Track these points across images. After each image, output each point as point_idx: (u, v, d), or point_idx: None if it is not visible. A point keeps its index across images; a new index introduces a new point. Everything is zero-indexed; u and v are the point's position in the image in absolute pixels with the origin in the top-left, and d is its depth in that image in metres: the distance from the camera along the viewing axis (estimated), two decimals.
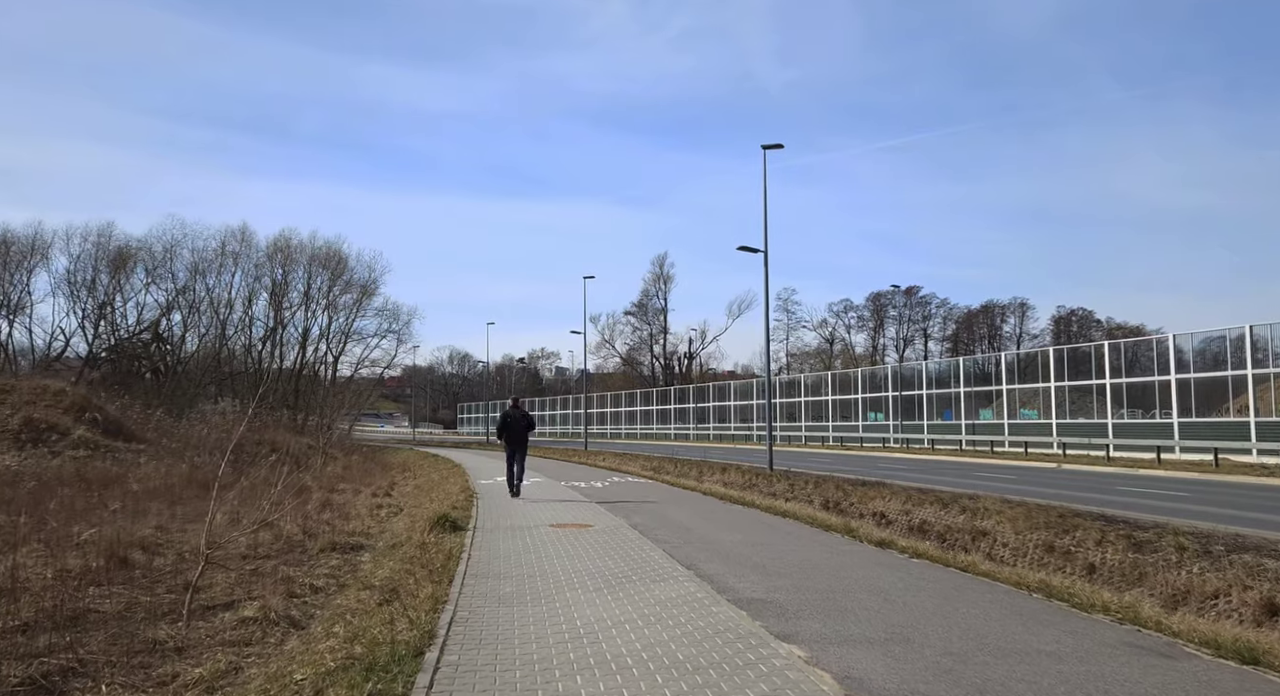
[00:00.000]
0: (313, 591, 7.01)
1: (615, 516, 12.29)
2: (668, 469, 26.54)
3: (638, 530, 10.86)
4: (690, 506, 14.36)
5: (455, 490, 15.36)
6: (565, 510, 13.19)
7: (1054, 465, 28.93)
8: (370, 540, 10.44)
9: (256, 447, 23.03)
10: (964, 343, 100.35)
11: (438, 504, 13.34)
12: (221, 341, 57.10)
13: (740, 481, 22.18)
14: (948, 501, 13.61)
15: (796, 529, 11.65)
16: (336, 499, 16.11)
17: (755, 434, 60.19)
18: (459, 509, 12.32)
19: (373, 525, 12.10)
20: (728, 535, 10.65)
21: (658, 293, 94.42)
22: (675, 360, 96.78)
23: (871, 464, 28.75)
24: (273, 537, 10.07)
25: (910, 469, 25.38)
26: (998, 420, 42.07)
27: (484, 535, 10.20)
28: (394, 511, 13.96)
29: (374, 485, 19.26)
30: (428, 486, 18.54)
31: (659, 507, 13.88)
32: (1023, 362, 43.83)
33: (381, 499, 16.19)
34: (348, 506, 14.88)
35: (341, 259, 58.92)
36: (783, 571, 7.96)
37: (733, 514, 13.38)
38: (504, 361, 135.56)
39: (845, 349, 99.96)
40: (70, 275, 50.11)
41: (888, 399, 50.20)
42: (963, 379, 45.48)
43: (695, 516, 12.67)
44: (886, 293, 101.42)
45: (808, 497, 18.14)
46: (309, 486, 18.80)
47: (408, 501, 15.90)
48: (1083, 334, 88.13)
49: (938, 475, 22.17)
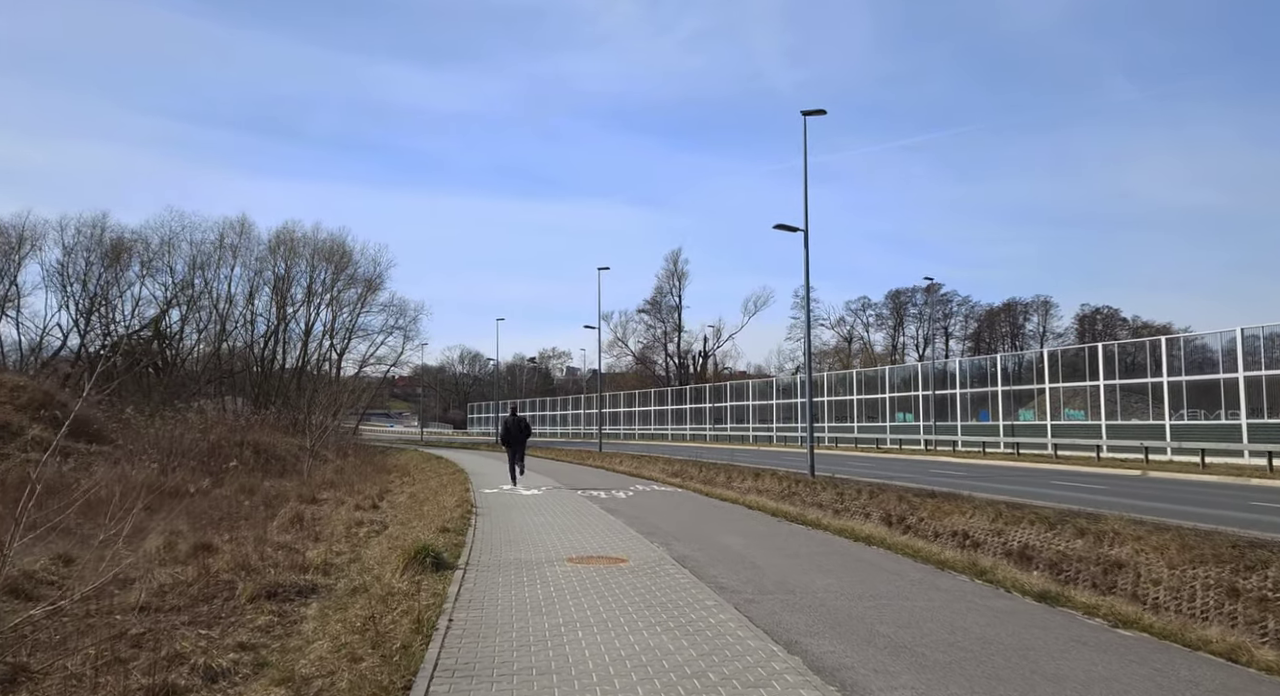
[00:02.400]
0: (206, 680, 4.54)
1: (651, 543, 9.83)
2: (691, 473, 24.05)
3: (688, 568, 8.30)
4: (738, 525, 11.88)
5: (452, 503, 12.90)
6: (586, 532, 10.81)
7: (1138, 472, 25.71)
8: (332, 577, 7.96)
9: (238, 450, 20.68)
10: (985, 341, 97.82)
11: (428, 522, 10.96)
12: (222, 337, 55.00)
13: (777, 489, 19.69)
14: (1054, 520, 11.05)
15: (894, 563, 9.07)
16: (314, 511, 13.73)
17: (776, 435, 57.66)
18: (451, 532, 9.93)
19: (345, 550, 9.68)
20: (811, 576, 8.07)
21: (672, 289, 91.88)
22: (690, 358, 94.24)
23: (916, 468, 26.16)
24: (197, 574, 7.62)
25: (965, 474, 22.77)
26: (1039, 421, 39.37)
27: (478, 578, 7.59)
28: (376, 530, 11.55)
29: (363, 493, 16.88)
30: (424, 495, 16.14)
31: (700, 527, 11.45)
32: (1066, 360, 41.07)
33: (366, 512, 13.80)
34: (324, 521, 12.48)
35: (345, 252, 56.78)
36: (949, 661, 5.17)
37: (795, 538, 10.89)
38: (515, 361, 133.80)
39: (865, 347, 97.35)
40: (63, 268, 48.05)
41: (917, 398, 47.56)
42: (999, 377, 42.78)
43: (751, 542, 10.24)
44: (906, 290, 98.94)
45: (862, 510, 15.65)
46: (288, 494, 16.42)
47: (398, 515, 13.51)
48: (1108, 332, 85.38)
49: (1004, 483, 19.52)
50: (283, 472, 21.14)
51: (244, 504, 14.11)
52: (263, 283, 55.41)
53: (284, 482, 18.56)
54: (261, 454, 21.55)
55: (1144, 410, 35.20)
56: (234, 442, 20.94)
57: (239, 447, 20.75)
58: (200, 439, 19.86)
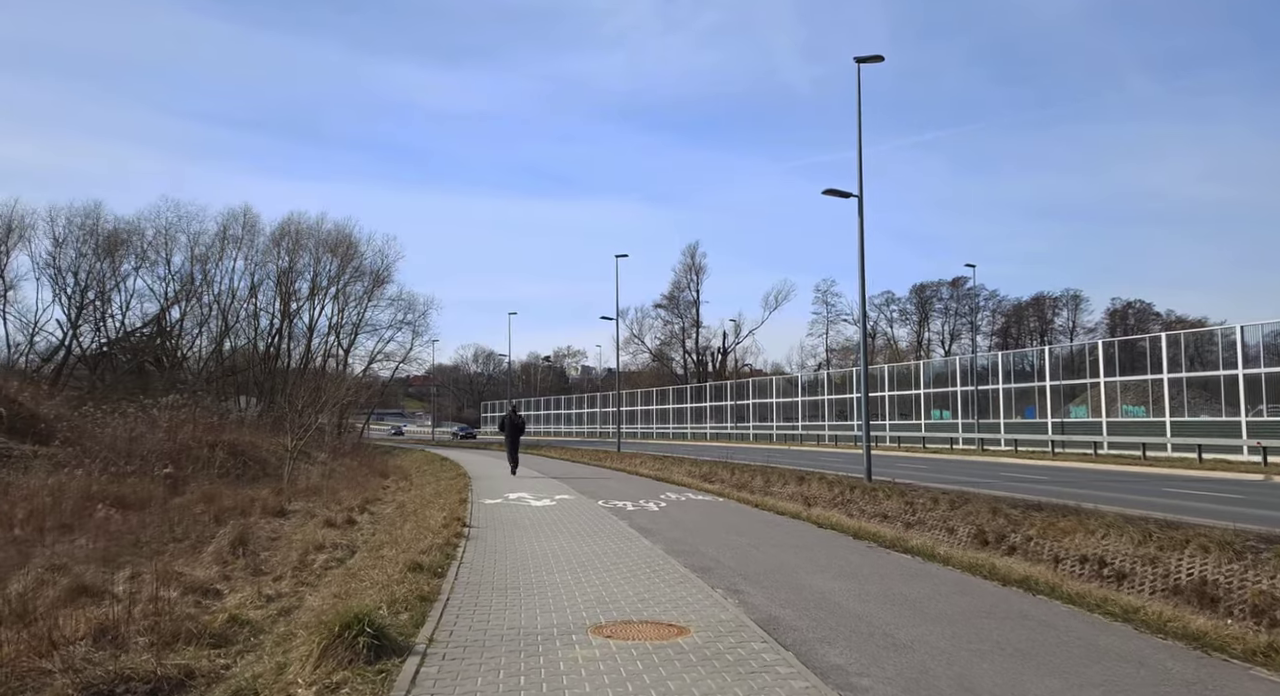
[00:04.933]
0: None
1: (714, 590, 6.81)
2: (723, 476, 21.30)
3: (788, 644, 5.23)
4: (817, 553, 9.04)
5: (437, 524, 9.93)
6: (616, 568, 7.76)
7: (1260, 477, 22.18)
8: (226, 656, 5.18)
9: (209, 452, 18.12)
10: (1013, 336, 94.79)
11: (404, 548, 8.29)
12: (225, 333, 52.75)
13: (828, 496, 16.96)
14: (1238, 546, 8.24)
15: (1088, 630, 5.99)
16: (274, 528, 11.12)
17: (802, 433, 54.81)
18: (424, 572, 6.93)
19: (284, 593, 7.05)
20: (996, 665, 4.87)
21: (689, 284, 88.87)
22: (709, 355, 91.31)
23: (977, 471, 23.27)
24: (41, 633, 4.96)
25: (1046, 479, 19.80)
26: (1093, 418, 36.33)
27: (441, 677, 4.44)
28: (339, 557, 8.92)
29: (344, 504, 14.30)
30: (414, 506, 13.52)
31: (768, 556, 8.68)
32: (1122, 352, 37.95)
33: (337, 530, 11.18)
34: (279, 543, 9.84)
35: (352, 243, 54.31)
36: None
37: (911, 577, 7.63)
38: (530, 360, 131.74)
39: (889, 343, 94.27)
40: (54, 259, 45.82)
41: (955, 394, 44.59)
42: (1047, 371, 39.71)
43: (854, 585, 7.12)
44: (931, 284, 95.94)
45: (942, 523, 12.91)
46: (255, 504, 13.82)
47: (375, 533, 10.89)
48: (1140, 327, 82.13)
49: (1102, 490, 16.44)
50: (262, 477, 18.60)
51: (190, 519, 11.52)
52: (266, 276, 53.14)
53: (258, 489, 15.99)
54: (239, 456, 19.02)
55: (1208, 406, 32.14)
56: (205, 443, 18.44)
57: (210, 449, 18.24)
58: (165, 439, 17.36)
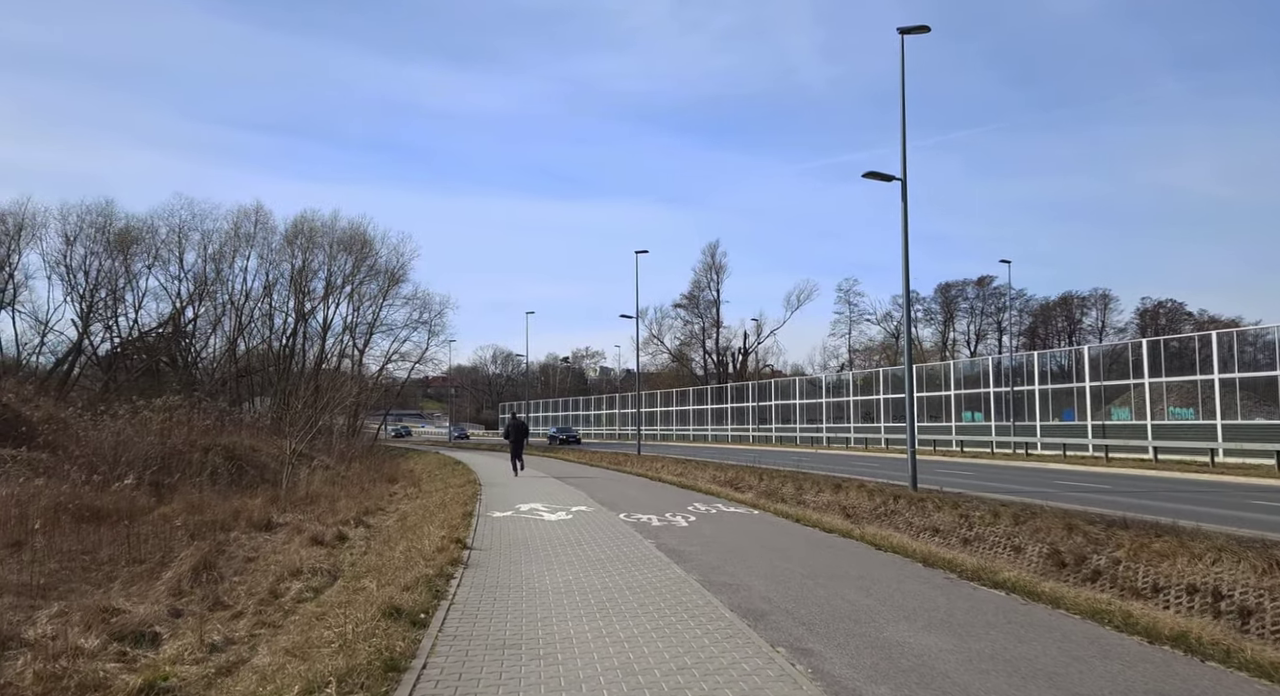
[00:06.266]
0: None
1: (774, 651, 5.19)
2: (750, 482, 19.87)
3: None
4: (892, 590, 7.37)
5: (433, 546, 8.53)
6: (644, 611, 6.21)
7: None
8: None
9: (203, 457, 16.92)
10: (1040, 337, 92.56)
11: (390, 577, 6.96)
12: (238, 333, 51.89)
13: (868, 506, 15.52)
14: None
15: None
16: (254, 545, 9.85)
17: (826, 436, 53.21)
18: (402, 619, 5.48)
19: (236, 637, 5.77)
20: None
21: (709, 283, 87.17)
22: (729, 356, 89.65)
23: (1028, 478, 21.69)
24: None
25: (1109, 488, 18.12)
26: (1138, 420, 34.51)
27: None
28: (317, 586, 7.62)
29: (340, 515, 13.03)
30: (415, 520, 12.20)
31: (835, 594, 7.08)
32: (1169, 351, 36.08)
33: (327, 547, 9.89)
34: (254, 565, 8.56)
35: (366, 241, 53.24)
36: None
37: (1023, 629, 5.93)
38: (548, 361, 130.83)
39: (913, 343, 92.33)
40: (65, 257, 45.06)
41: (987, 396, 42.85)
42: (1086, 372, 37.90)
43: (957, 644, 5.47)
44: (956, 284, 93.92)
45: (1007, 541, 11.47)
46: (241, 516, 12.58)
47: (367, 553, 9.59)
48: (1172, 327, 79.73)
49: (1174, 502, 14.80)
50: (259, 483, 17.40)
51: (166, 533, 10.28)
52: (280, 275, 52.22)
53: (251, 498, 14.78)
54: (236, 460, 17.82)
55: (1260, 408, 30.30)
56: (200, 447, 17.26)
57: (205, 453, 17.05)
58: (157, 442, 16.20)
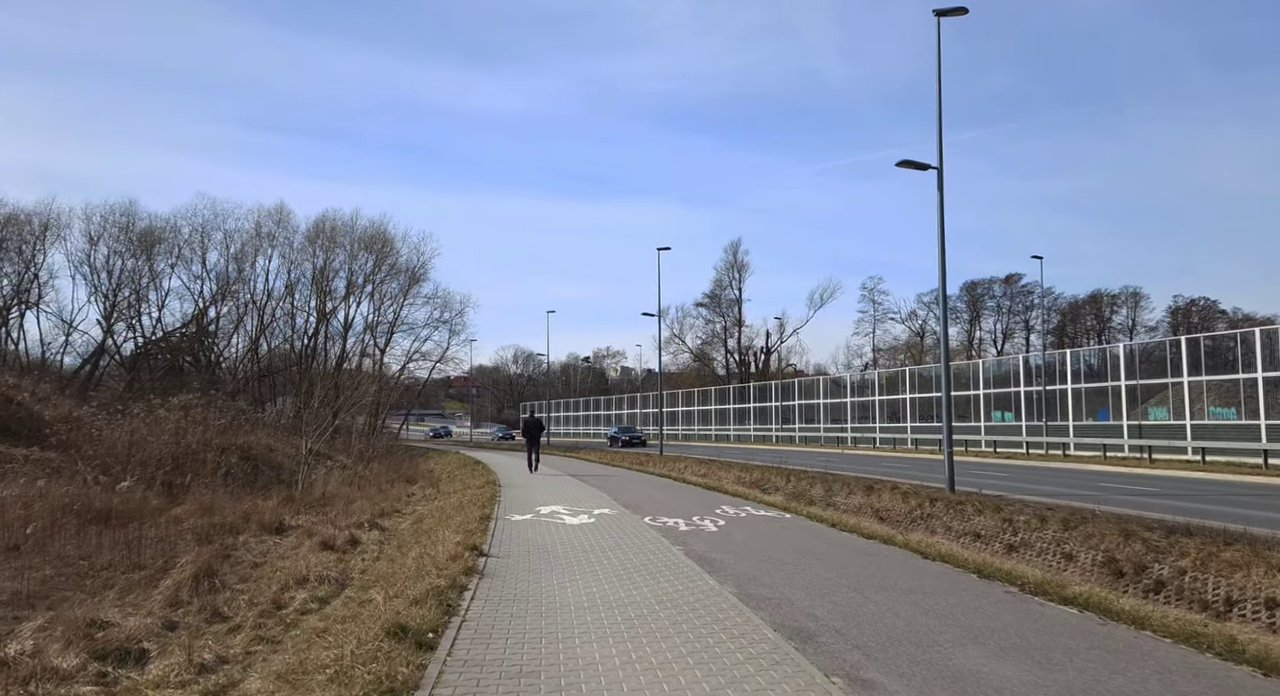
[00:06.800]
0: None
1: (829, 681, 4.57)
2: (777, 483, 19.23)
3: None
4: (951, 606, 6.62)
5: (446, 553, 7.91)
6: (679, 636, 5.49)
7: None
8: None
9: (219, 457, 16.56)
10: (1069, 335, 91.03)
11: (400, 587, 6.45)
12: (261, 333, 51.92)
13: (903, 509, 14.86)
14: None
15: None
16: (262, 550, 9.39)
17: (850, 436, 52.35)
18: (405, 643, 4.86)
19: (230, 655, 5.27)
20: None
21: (731, 282, 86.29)
22: (751, 355, 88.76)
23: (1067, 479, 20.83)
24: None
25: (1150, 488, 17.30)
26: (1176, 420, 33.43)
27: None
28: (324, 594, 7.12)
29: (355, 517, 12.57)
30: (431, 523, 11.71)
31: (889, 610, 6.39)
32: (1209, 349, 34.95)
33: (338, 553, 9.41)
34: (260, 571, 8.09)
35: (387, 240, 53.14)
36: None
37: (1111, 656, 5.20)
38: (569, 360, 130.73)
39: (938, 342, 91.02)
40: (89, 257, 45.19)
41: (1017, 395, 41.85)
42: (1122, 370, 36.82)
43: (1040, 676, 4.73)
44: (983, 282, 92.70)
45: (1055, 547, 10.81)
46: (253, 517, 12.15)
47: (379, 559, 9.10)
48: (1205, 326, 78.07)
49: (1233, 507, 13.95)
50: (275, 484, 17.02)
51: (173, 536, 9.85)
52: (301, 275, 52.19)
53: (265, 499, 14.37)
54: (251, 460, 17.47)
55: None
56: (215, 447, 16.91)
57: (220, 453, 16.70)
58: (171, 442, 15.86)
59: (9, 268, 42.06)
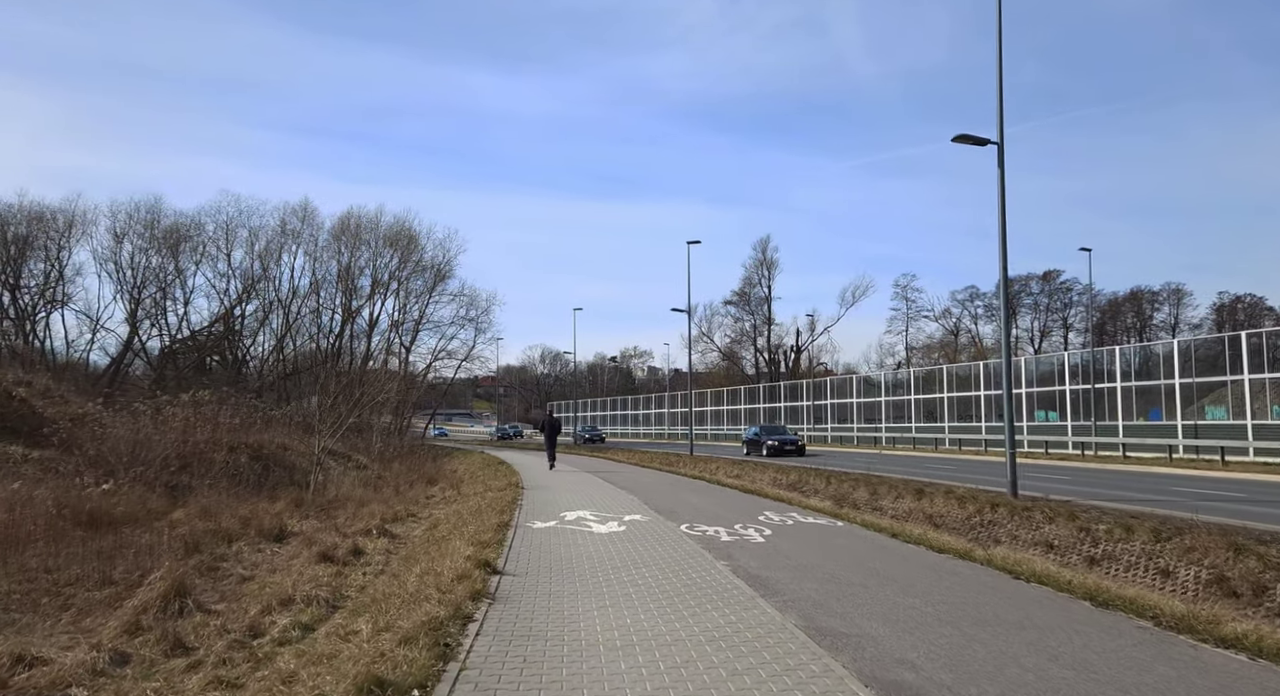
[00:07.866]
0: None
1: None
2: (816, 486, 18.02)
3: None
4: (1081, 650, 5.25)
5: (454, 571, 6.90)
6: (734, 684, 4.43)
7: None
8: None
9: (228, 456, 15.67)
10: (1109, 333, 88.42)
11: (397, 614, 5.41)
12: (286, 331, 51.48)
13: (959, 515, 13.65)
14: None
15: None
16: (253, 561, 8.39)
17: (885, 436, 50.80)
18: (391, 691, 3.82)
19: None
20: None
21: (761, 280, 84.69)
22: (781, 354, 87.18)
23: (1135, 483, 19.37)
24: None
25: (1235, 493, 15.78)
26: (1236, 420, 31.65)
27: None
28: (309, 620, 6.09)
29: (365, 522, 11.57)
30: (446, 530, 10.68)
31: (1004, 656, 5.03)
32: (1252, 346, 32.99)
33: (337, 565, 8.39)
34: (247, 586, 7.08)
35: (412, 237, 52.41)
36: None
37: None
38: (596, 360, 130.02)
39: (973, 341, 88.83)
40: (114, 255, 44.96)
41: (1062, 394, 40.15)
42: (1176, 368, 35.02)
43: None
44: (1019, 278, 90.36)
45: (1148, 563, 9.59)
46: (252, 523, 11.18)
47: (382, 573, 8.08)
48: (1251, 323, 75.24)
49: None
50: (287, 484, 16.12)
51: (161, 545, 8.88)
52: (326, 272, 51.67)
53: (272, 501, 13.43)
54: (262, 460, 16.59)
55: None
56: (224, 445, 16.06)
57: (230, 452, 15.83)
58: (178, 440, 15.02)
59: (36, 266, 41.90)
